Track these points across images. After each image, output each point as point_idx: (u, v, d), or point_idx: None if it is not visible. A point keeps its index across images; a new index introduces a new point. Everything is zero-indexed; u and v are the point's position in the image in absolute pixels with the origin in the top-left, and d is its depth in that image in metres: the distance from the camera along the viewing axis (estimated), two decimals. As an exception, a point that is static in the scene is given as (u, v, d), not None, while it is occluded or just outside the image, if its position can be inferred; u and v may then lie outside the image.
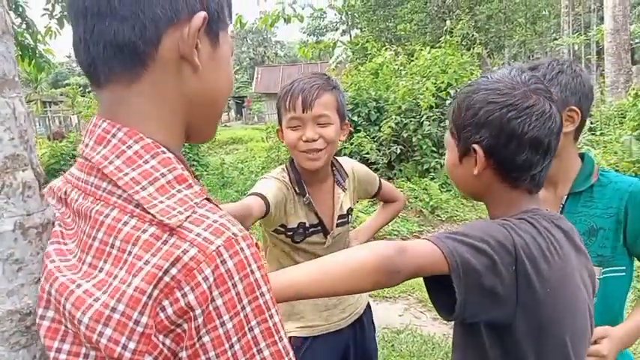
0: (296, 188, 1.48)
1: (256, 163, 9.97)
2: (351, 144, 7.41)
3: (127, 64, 0.60)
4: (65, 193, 0.65)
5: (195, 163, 9.64)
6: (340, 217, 1.57)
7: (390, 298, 4.13)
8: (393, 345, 3.44)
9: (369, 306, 1.75)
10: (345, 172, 1.59)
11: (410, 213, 6.32)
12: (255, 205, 1.30)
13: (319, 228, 1.52)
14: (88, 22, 0.59)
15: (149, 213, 0.55)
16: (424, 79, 7.79)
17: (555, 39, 19.79)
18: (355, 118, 7.81)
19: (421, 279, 0.89)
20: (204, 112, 0.68)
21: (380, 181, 1.73)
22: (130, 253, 0.54)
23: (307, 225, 1.50)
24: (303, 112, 1.40)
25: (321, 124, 1.42)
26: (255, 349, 0.54)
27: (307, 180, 1.51)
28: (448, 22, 10.21)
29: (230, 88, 0.71)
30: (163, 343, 0.53)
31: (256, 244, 0.58)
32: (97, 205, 0.58)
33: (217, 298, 0.53)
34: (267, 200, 1.34)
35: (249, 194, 1.36)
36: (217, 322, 0.53)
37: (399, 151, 7.40)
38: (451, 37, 8.67)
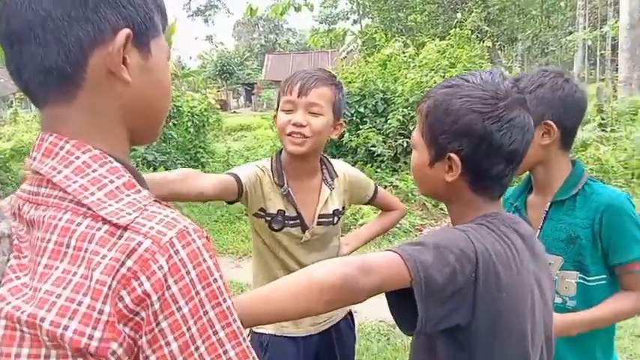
0: (275, 178, 1.50)
1: (262, 151, 9.96)
2: (358, 136, 7.38)
3: (59, 87, 0.62)
4: (18, 208, 0.66)
5: (201, 150, 9.62)
6: (323, 215, 1.56)
7: (389, 291, 4.13)
8: (388, 339, 3.45)
9: (350, 313, 1.74)
10: (335, 172, 1.59)
11: (413, 206, 6.30)
12: (218, 176, 1.40)
13: (298, 221, 1.53)
14: (15, 49, 0.62)
15: (99, 215, 0.58)
16: (432, 72, 7.70)
17: (571, 32, 19.48)
18: (362, 110, 7.77)
19: None
20: (143, 120, 0.71)
21: (376, 187, 1.72)
22: (86, 250, 0.57)
23: (286, 214, 1.51)
24: (298, 97, 1.44)
25: (313, 112, 1.45)
26: (210, 331, 0.58)
27: (291, 172, 1.52)
28: (459, 15, 10.05)
29: (168, 93, 0.74)
30: (124, 331, 0.56)
31: (206, 236, 0.62)
32: (49, 211, 0.60)
33: (172, 286, 0.56)
34: (240, 179, 1.41)
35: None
36: (174, 307, 0.56)
37: (405, 144, 7.35)
38: (461, 29, 8.54)
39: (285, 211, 1.51)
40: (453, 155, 0.90)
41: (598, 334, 1.33)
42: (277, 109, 1.52)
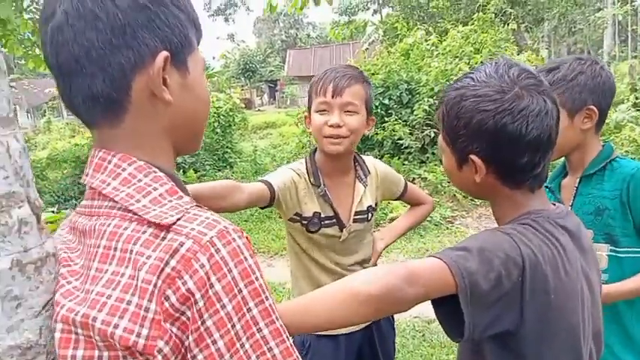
0: (311, 179, 1.52)
1: (288, 148, 9.99)
2: (384, 129, 7.31)
3: (106, 112, 0.66)
4: (74, 222, 0.72)
5: (228, 150, 9.73)
6: (359, 212, 1.57)
7: (422, 286, 4.09)
8: (424, 335, 3.42)
9: None
10: (368, 169, 1.61)
11: (443, 198, 6.22)
12: (253, 186, 1.38)
13: (334, 220, 1.54)
14: (65, 79, 0.66)
15: (144, 219, 0.62)
16: (457, 59, 7.56)
17: (599, 8, 18.81)
18: (386, 102, 7.69)
19: None
20: (186, 133, 0.74)
21: (406, 182, 1.73)
22: (132, 251, 0.60)
23: (322, 216, 1.52)
24: (333, 98, 1.45)
25: (348, 111, 1.47)
26: (255, 328, 0.59)
27: (327, 171, 1.54)
28: (482, -2, 9.83)
29: (207, 105, 0.77)
30: (171, 330, 0.58)
31: (247, 237, 0.64)
32: (101, 219, 0.65)
33: (215, 284, 0.58)
34: (272, 186, 1.41)
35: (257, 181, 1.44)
36: (218, 305, 0.58)
37: (432, 134, 7.26)
38: (484, 13, 8.35)
39: (320, 213, 1.52)
40: (474, 157, 0.90)
41: (634, 304, 1.36)
42: (309, 110, 1.53)
